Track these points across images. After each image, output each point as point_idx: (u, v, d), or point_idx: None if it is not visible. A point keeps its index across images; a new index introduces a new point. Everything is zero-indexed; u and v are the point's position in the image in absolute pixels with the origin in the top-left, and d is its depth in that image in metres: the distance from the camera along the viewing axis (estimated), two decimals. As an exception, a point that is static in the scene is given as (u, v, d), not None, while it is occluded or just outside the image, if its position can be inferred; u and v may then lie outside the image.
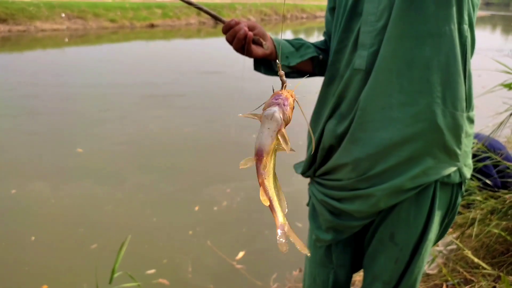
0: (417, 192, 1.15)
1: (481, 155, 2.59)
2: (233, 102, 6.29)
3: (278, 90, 0.55)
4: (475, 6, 1.09)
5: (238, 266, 2.66)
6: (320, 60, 1.29)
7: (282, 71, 0.56)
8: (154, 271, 2.57)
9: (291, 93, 0.55)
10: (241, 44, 1.10)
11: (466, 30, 1.07)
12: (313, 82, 1.32)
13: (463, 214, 2.39)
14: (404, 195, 1.14)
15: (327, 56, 1.29)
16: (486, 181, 2.58)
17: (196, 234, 2.99)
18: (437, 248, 2.35)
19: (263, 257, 2.78)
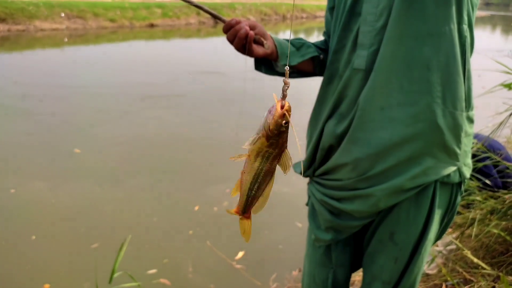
0: (417, 192, 1.15)
1: (481, 155, 2.59)
2: (233, 102, 6.29)
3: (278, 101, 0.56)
4: (475, 6, 1.09)
5: (238, 266, 2.66)
6: (321, 60, 1.29)
7: (289, 80, 0.56)
8: (155, 271, 2.57)
9: (283, 106, 0.55)
10: (242, 44, 1.10)
11: (466, 30, 1.07)
12: (313, 82, 1.32)
13: (463, 214, 2.39)
14: (404, 195, 1.14)
15: (328, 56, 1.29)
16: (486, 181, 2.59)
17: (197, 234, 2.99)
18: (437, 248, 2.35)
19: (263, 257, 2.78)
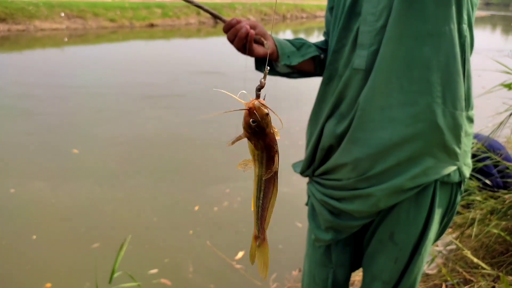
0: (417, 192, 1.15)
1: (481, 155, 2.59)
2: (234, 102, 6.27)
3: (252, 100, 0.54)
4: (474, 6, 1.09)
5: (238, 266, 2.66)
6: (322, 60, 1.29)
7: (265, 82, 0.55)
8: (156, 271, 2.57)
9: (253, 103, 0.53)
10: (243, 43, 1.10)
11: (466, 30, 1.07)
12: (313, 82, 1.32)
13: (463, 214, 2.39)
14: (404, 195, 1.14)
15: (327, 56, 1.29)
16: (486, 181, 2.59)
17: (197, 234, 3.00)
18: (437, 248, 2.35)
19: (263, 257, 2.78)
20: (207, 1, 19.18)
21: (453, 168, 1.14)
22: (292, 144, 4.08)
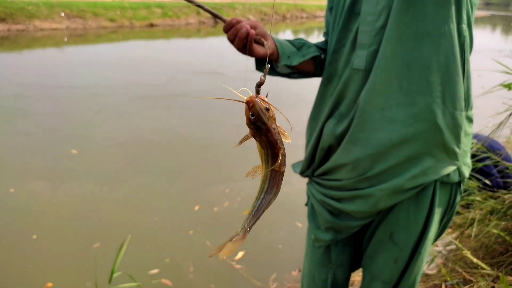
0: (417, 192, 1.15)
1: (481, 155, 2.59)
2: (233, 103, 6.27)
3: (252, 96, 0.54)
4: (474, 6, 1.09)
5: (237, 266, 2.66)
6: (322, 60, 1.29)
7: (264, 78, 0.54)
8: (158, 271, 2.57)
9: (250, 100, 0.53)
10: (243, 43, 1.09)
11: (465, 30, 1.07)
12: (312, 82, 1.32)
13: (463, 214, 2.39)
14: (404, 195, 1.14)
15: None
16: (486, 181, 2.59)
17: (197, 234, 2.99)
18: (436, 248, 2.35)
19: (263, 258, 2.78)
20: (207, 1, 19.17)
21: (453, 168, 1.14)
22: (292, 144, 4.06)
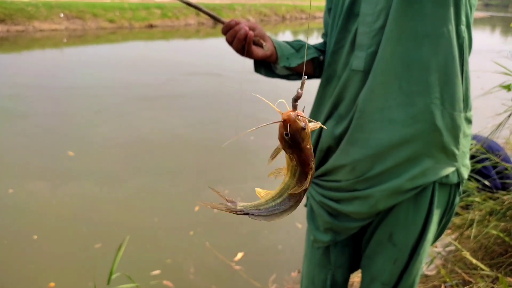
0: (416, 193, 1.15)
1: (480, 156, 2.59)
2: (232, 104, 6.29)
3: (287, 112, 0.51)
4: (473, 7, 1.09)
5: (237, 267, 2.65)
6: (321, 61, 1.29)
7: (301, 92, 0.50)
8: (159, 272, 2.57)
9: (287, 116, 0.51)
10: (242, 45, 1.09)
11: (464, 31, 1.07)
12: (311, 83, 1.31)
13: (462, 215, 2.39)
14: (403, 196, 1.14)
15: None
16: (485, 183, 2.59)
17: (197, 235, 2.99)
18: (436, 249, 2.35)
19: (262, 258, 2.78)
20: (207, 2, 19.19)
21: (452, 169, 1.14)
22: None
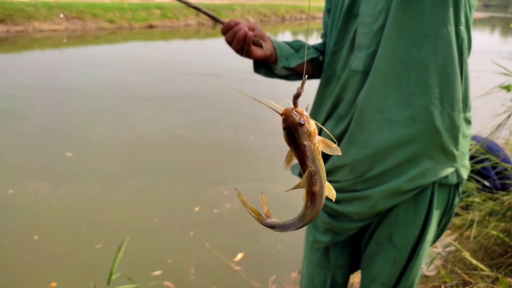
0: (415, 194, 1.15)
1: (479, 157, 2.59)
2: (232, 104, 6.29)
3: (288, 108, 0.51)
4: (472, 8, 1.09)
5: (237, 268, 2.65)
6: (320, 62, 1.29)
7: (302, 90, 0.51)
8: (160, 273, 2.57)
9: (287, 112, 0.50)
10: (241, 45, 1.09)
11: (463, 32, 1.07)
12: (311, 83, 1.31)
13: (462, 216, 2.39)
14: (402, 197, 1.14)
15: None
16: (485, 183, 2.59)
17: (197, 235, 2.99)
18: (436, 250, 2.35)
19: (262, 259, 2.78)
20: (206, 2, 19.19)
21: (451, 170, 1.14)
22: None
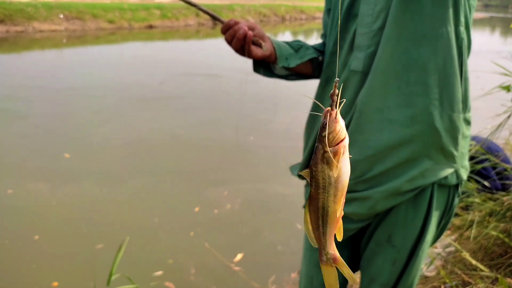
0: (415, 195, 1.14)
1: (479, 157, 2.59)
2: (232, 104, 6.29)
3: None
4: (472, 8, 1.09)
5: (236, 268, 2.65)
6: (320, 62, 1.29)
7: (337, 90, 0.51)
8: (162, 273, 2.57)
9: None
10: (241, 44, 1.09)
11: (463, 32, 1.07)
12: (310, 84, 1.31)
13: (462, 216, 2.39)
14: (402, 198, 1.13)
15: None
16: (485, 183, 2.59)
17: (197, 236, 2.99)
18: (436, 250, 2.35)
19: (262, 259, 2.78)
20: (206, 2, 19.19)
21: (451, 171, 1.14)
22: (291, 146, 4.08)
